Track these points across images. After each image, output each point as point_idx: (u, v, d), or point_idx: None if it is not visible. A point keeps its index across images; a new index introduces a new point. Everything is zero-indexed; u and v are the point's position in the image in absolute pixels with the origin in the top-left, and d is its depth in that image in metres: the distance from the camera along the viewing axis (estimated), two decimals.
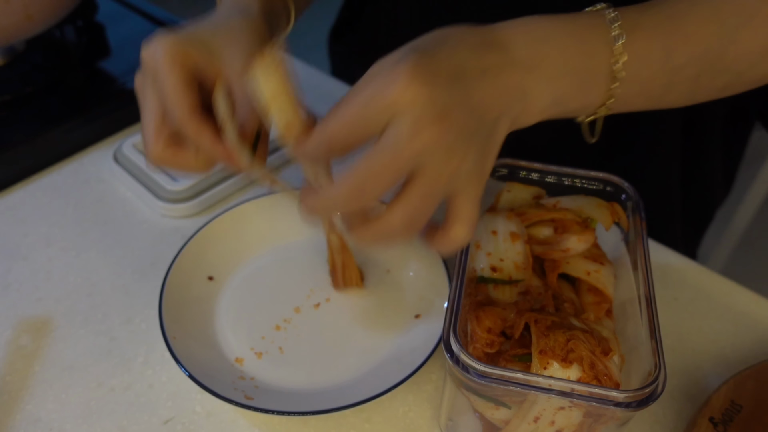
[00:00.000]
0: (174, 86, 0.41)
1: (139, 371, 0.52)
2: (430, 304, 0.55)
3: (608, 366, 0.39)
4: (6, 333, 0.55)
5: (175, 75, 0.41)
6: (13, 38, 0.70)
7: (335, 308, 0.56)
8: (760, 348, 0.55)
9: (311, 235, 0.62)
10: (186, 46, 0.42)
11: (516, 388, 0.37)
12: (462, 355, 0.38)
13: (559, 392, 0.37)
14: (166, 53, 0.41)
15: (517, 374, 0.37)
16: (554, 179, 0.50)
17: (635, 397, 0.36)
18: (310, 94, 0.78)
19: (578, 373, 0.38)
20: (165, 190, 0.64)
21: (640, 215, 0.47)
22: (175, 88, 0.41)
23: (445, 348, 0.39)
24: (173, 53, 0.41)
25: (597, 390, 0.36)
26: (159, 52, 0.41)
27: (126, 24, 0.86)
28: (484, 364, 0.37)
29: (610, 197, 0.50)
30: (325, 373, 0.52)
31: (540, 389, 0.37)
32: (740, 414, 0.46)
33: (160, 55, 0.41)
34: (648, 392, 0.37)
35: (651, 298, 0.42)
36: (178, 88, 0.41)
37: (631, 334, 0.44)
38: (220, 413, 0.50)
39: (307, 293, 0.57)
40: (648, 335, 0.40)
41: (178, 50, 0.42)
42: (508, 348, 0.42)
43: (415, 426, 0.49)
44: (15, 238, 0.63)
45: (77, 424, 0.49)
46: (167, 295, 0.52)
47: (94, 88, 0.75)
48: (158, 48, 0.42)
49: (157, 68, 0.41)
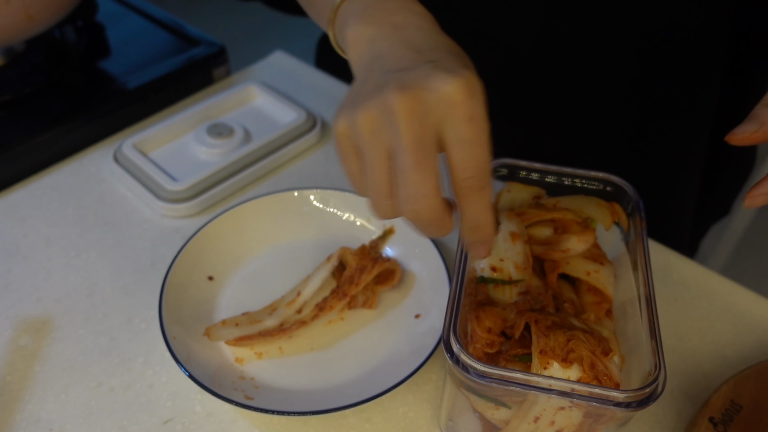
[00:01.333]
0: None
1: (139, 371, 0.52)
2: (430, 304, 0.55)
3: (608, 366, 0.39)
4: (6, 333, 0.55)
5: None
6: (13, 38, 0.70)
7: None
8: (760, 348, 0.55)
9: (311, 235, 0.62)
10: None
11: (516, 388, 0.37)
12: (462, 355, 0.38)
13: (560, 392, 0.37)
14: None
15: (517, 374, 0.37)
16: (554, 179, 0.50)
17: (635, 397, 0.36)
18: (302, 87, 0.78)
19: (578, 374, 0.38)
20: (165, 190, 0.64)
21: (640, 215, 0.47)
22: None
23: (445, 348, 0.39)
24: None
25: (597, 390, 0.36)
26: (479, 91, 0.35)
27: (126, 24, 0.86)
28: (484, 364, 0.37)
29: (610, 197, 0.50)
30: (325, 373, 0.52)
31: (540, 389, 0.37)
32: (740, 414, 0.46)
33: (480, 100, 0.35)
34: (648, 392, 0.37)
35: (651, 298, 0.42)
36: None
37: (631, 334, 0.44)
38: (220, 413, 0.50)
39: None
40: (648, 335, 0.40)
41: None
42: (508, 348, 0.42)
43: (415, 426, 0.49)
44: (15, 238, 0.63)
45: (77, 424, 0.49)
46: (167, 295, 0.52)
47: (94, 88, 0.75)
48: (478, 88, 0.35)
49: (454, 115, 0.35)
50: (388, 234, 0.60)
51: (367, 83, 0.37)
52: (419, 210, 0.35)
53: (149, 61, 0.79)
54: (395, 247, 0.60)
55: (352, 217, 0.62)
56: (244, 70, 0.84)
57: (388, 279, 0.56)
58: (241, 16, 2.43)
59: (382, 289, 0.56)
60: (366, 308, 0.56)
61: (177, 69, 0.78)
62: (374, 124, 0.35)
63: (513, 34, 0.62)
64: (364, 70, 0.38)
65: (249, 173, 0.68)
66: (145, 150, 0.69)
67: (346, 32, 0.41)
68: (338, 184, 0.68)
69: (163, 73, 0.77)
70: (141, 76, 0.76)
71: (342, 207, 0.62)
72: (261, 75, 0.83)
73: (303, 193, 0.62)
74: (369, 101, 0.35)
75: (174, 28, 0.84)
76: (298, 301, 0.54)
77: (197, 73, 0.79)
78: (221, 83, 0.82)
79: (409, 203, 0.35)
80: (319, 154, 0.73)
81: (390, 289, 0.57)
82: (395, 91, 0.34)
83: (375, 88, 0.35)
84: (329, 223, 0.62)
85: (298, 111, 0.73)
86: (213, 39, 0.82)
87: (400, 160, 0.34)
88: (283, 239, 0.61)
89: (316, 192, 0.62)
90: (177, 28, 0.84)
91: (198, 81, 0.80)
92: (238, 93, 0.76)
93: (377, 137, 0.35)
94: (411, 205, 0.35)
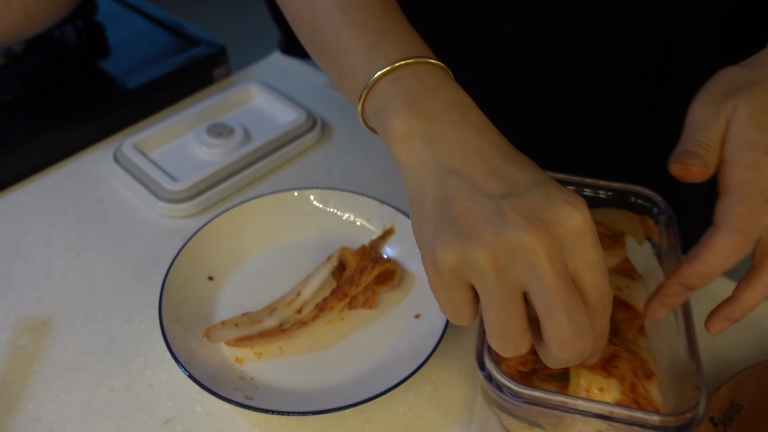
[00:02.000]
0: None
1: (139, 371, 0.52)
2: (431, 305, 0.55)
3: (649, 390, 0.38)
4: (6, 333, 0.55)
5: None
6: (13, 38, 0.70)
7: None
8: (760, 348, 0.54)
9: (311, 235, 0.62)
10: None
11: (553, 411, 0.36)
12: (495, 373, 0.36)
13: (598, 415, 0.35)
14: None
15: (554, 396, 0.36)
16: (590, 192, 0.48)
17: (676, 421, 0.35)
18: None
19: (618, 391, 0.37)
20: (165, 190, 0.64)
21: (673, 229, 0.46)
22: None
23: (479, 365, 0.37)
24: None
25: (637, 414, 0.35)
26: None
27: (126, 24, 0.86)
28: (518, 384, 0.36)
29: (641, 210, 0.48)
30: (325, 373, 0.52)
31: (578, 412, 0.36)
32: (740, 414, 0.46)
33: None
34: (689, 417, 0.35)
35: (689, 316, 0.41)
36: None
37: (666, 352, 0.42)
38: (220, 413, 0.50)
39: None
40: (688, 355, 0.39)
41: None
42: (542, 367, 0.40)
43: (415, 426, 0.49)
44: (15, 238, 0.63)
45: (77, 424, 0.49)
46: (167, 295, 0.52)
47: (94, 88, 0.75)
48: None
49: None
50: (388, 234, 0.60)
51: (458, 205, 0.34)
52: (581, 350, 0.33)
53: (149, 61, 0.79)
54: (395, 247, 0.60)
55: (352, 217, 0.62)
56: (244, 70, 0.84)
57: (389, 279, 0.56)
58: (241, 16, 2.44)
59: (383, 290, 0.56)
60: (366, 308, 0.56)
61: (177, 69, 0.78)
62: (502, 261, 0.33)
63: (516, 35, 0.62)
64: (434, 179, 0.36)
65: (249, 173, 0.68)
66: (145, 150, 0.69)
67: (391, 121, 0.38)
68: (338, 184, 0.68)
69: (163, 73, 0.77)
70: (141, 76, 0.76)
71: (342, 207, 0.62)
72: (261, 75, 0.83)
73: (303, 193, 0.62)
74: (490, 236, 0.33)
75: (174, 28, 0.84)
76: (298, 301, 0.54)
77: (197, 73, 0.79)
78: (221, 83, 0.82)
79: (567, 344, 0.33)
80: (319, 154, 0.73)
81: (390, 290, 0.57)
82: (526, 228, 0.32)
83: (487, 218, 0.33)
84: (329, 223, 0.62)
85: (298, 111, 0.73)
86: (213, 39, 0.82)
87: (545, 300, 0.33)
88: (283, 239, 0.61)
89: (316, 192, 0.62)
90: (177, 28, 0.84)
91: (198, 81, 0.80)
92: (238, 93, 0.76)
93: (506, 275, 0.33)
94: (569, 347, 0.33)
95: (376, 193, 0.64)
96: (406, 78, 0.39)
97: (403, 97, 0.38)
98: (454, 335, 0.55)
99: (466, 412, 0.50)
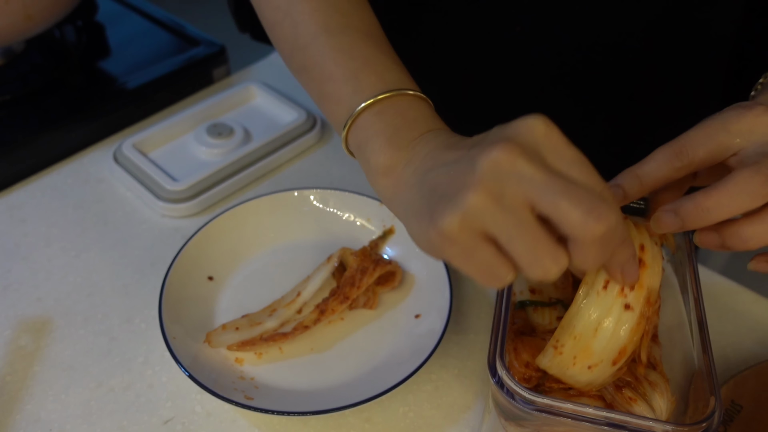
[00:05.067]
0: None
1: (139, 371, 0.52)
2: (430, 304, 0.55)
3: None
4: (6, 333, 0.55)
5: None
6: (12, 38, 0.70)
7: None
8: (760, 348, 0.55)
9: (311, 235, 0.62)
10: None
11: (564, 419, 0.35)
12: (507, 379, 0.36)
13: (609, 423, 0.35)
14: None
15: (565, 404, 0.35)
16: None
17: (690, 430, 0.35)
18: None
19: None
20: (165, 190, 0.64)
21: (688, 236, 0.45)
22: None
23: (491, 372, 0.37)
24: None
25: (650, 423, 0.35)
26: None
27: (126, 24, 0.86)
28: (530, 392, 0.35)
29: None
30: (325, 373, 0.52)
31: (588, 420, 0.35)
32: (740, 414, 0.46)
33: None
34: (704, 426, 0.35)
35: (704, 324, 0.40)
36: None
37: (678, 361, 0.42)
38: (220, 413, 0.50)
39: None
40: (703, 365, 0.39)
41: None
42: (544, 382, 0.40)
43: (415, 426, 0.49)
44: (15, 238, 0.63)
45: (77, 424, 0.49)
46: (167, 295, 0.52)
47: (94, 88, 0.75)
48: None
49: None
50: (388, 234, 0.60)
51: (439, 184, 0.35)
52: (607, 217, 0.32)
53: (149, 61, 0.79)
54: (395, 247, 0.60)
55: (352, 217, 0.62)
56: (244, 70, 0.84)
57: (389, 280, 0.56)
58: None
59: (383, 290, 0.56)
60: (366, 309, 0.56)
61: (177, 69, 0.78)
62: (494, 190, 0.32)
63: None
64: (417, 188, 0.37)
65: (249, 173, 0.68)
66: (145, 150, 0.69)
67: (374, 158, 0.40)
68: (338, 184, 0.68)
69: (163, 73, 0.77)
70: (141, 76, 0.76)
71: (342, 207, 0.62)
72: (261, 75, 0.83)
73: (303, 193, 0.62)
74: (472, 178, 0.33)
75: (174, 28, 0.84)
76: (297, 301, 0.54)
77: (197, 73, 0.79)
78: (221, 83, 0.82)
79: (591, 215, 0.31)
80: (319, 154, 0.73)
81: (390, 290, 0.57)
82: (496, 149, 0.32)
83: (464, 171, 0.34)
84: (329, 223, 0.62)
85: (298, 111, 0.73)
86: (213, 39, 0.82)
87: (546, 198, 0.32)
88: (283, 239, 0.61)
89: (316, 192, 0.62)
90: (177, 28, 0.84)
91: (198, 81, 0.80)
92: (237, 93, 0.76)
93: (506, 201, 0.32)
94: (594, 217, 0.31)
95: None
96: (387, 112, 0.41)
97: (384, 133, 0.40)
98: (454, 335, 0.55)
99: (466, 412, 0.50)
